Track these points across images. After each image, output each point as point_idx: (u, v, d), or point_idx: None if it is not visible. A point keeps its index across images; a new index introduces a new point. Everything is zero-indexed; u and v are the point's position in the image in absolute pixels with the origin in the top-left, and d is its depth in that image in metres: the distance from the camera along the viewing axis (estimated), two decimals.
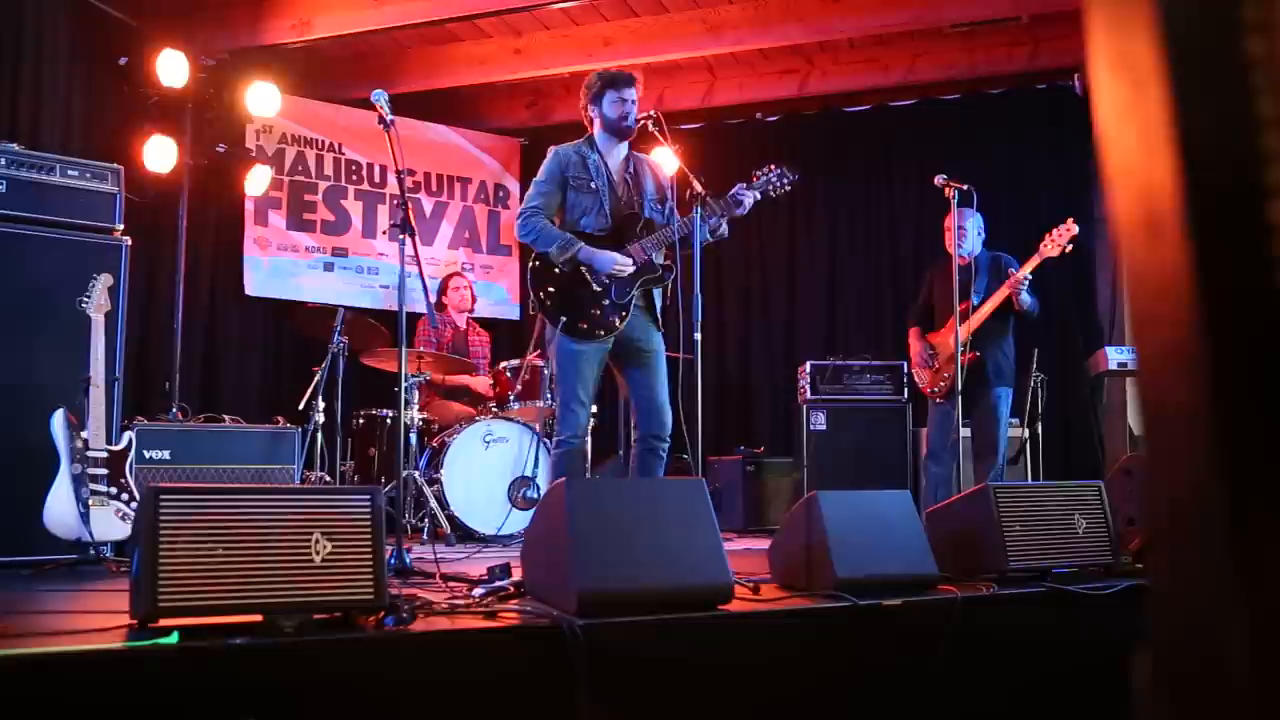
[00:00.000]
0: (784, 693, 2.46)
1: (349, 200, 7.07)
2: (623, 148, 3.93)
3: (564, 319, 3.74)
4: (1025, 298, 4.74)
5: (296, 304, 6.25)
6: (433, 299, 5.27)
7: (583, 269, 3.76)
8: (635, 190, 3.89)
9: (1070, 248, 4.73)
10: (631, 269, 3.76)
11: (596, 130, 3.91)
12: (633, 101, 3.83)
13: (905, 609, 2.62)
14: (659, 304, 3.90)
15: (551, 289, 3.79)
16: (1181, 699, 0.54)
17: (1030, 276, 4.74)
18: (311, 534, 2.08)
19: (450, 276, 6.31)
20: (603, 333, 3.75)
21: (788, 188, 3.95)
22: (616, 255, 3.75)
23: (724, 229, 3.88)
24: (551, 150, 3.94)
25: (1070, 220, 4.74)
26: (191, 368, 6.09)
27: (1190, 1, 0.51)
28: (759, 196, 3.90)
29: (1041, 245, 4.75)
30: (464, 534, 4.96)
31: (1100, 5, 0.56)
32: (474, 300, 6.27)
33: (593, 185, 3.83)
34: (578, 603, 2.24)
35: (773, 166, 3.95)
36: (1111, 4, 0.55)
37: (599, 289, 3.76)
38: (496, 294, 7.44)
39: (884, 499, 2.98)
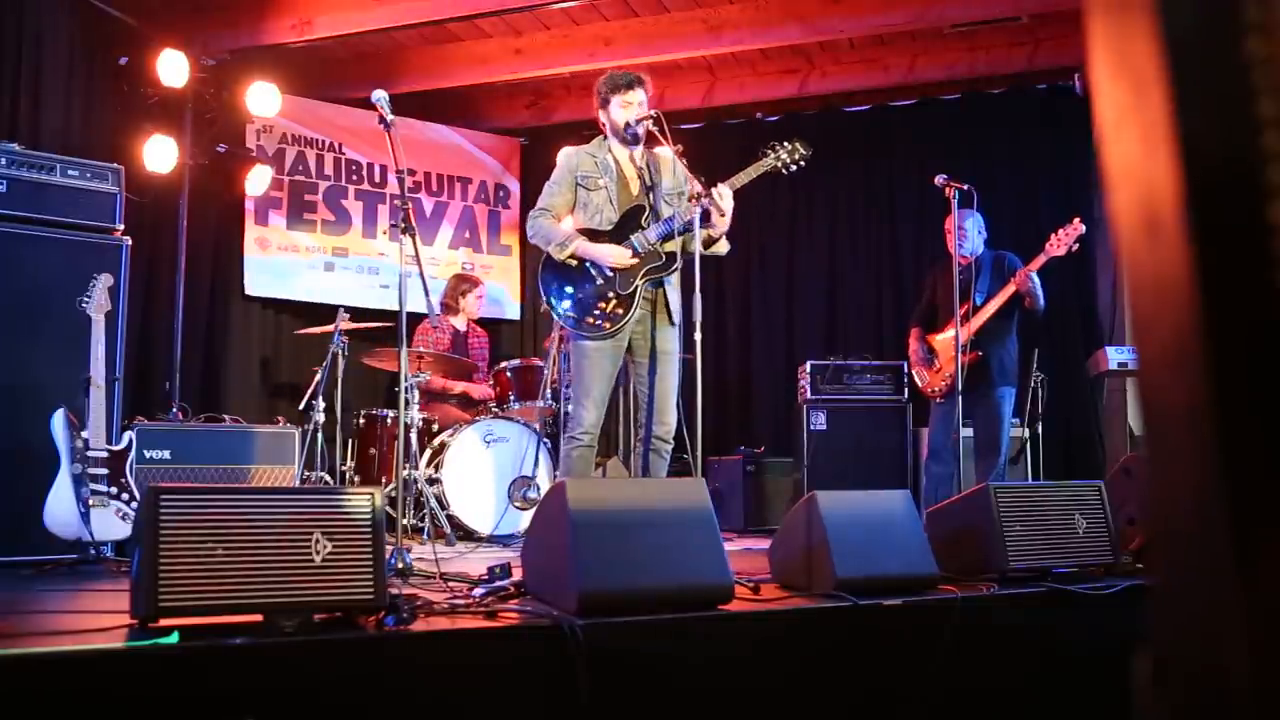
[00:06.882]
0: (784, 693, 2.46)
1: (349, 200, 7.07)
2: (636, 147, 3.92)
3: (572, 316, 3.77)
4: (1037, 293, 4.73)
5: (298, 307, 6.24)
6: (436, 299, 5.26)
7: (587, 263, 3.79)
8: (648, 186, 3.88)
9: (1077, 247, 4.71)
10: (629, 260, 3.75)
11: (608, 132, 3.92)
12: (639, 104, 3.82)
13: (905, 609, 2.62)
14: (674, 302, 3.83)
15: (559, 288, 3.81)
16: (1181, 699, 0.54)
17: (1036, 277, 4.73)
18: (311, 534, 2.08)
19: (470, 285, 6.22)
20: (609, 325, 3.75)
21: (802, 163, 3.83)
22: (613, 248, 3.75)
23: (720, 239, 3.81)
24: (564, 151, 3.96)
25: (1077, 219, 4.71)
26: (191, 368, 6.08)
27: (1190, 2, 0.51)
28: (755, 176, 3.77)
29: (1048, 244, 4.71)
30: (464, 534, 4.96)
31: (1100, 6, 0.56)
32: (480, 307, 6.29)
33: (601, 183, 3.84)
34: (578, 603, 2.24)
35: (775, 145, 3.83)
36: (1112, 5, 0.55)
37: (603, 282, 3.77)
38: (496, 294, 7.44)
39: (884, 499, 2.98)
